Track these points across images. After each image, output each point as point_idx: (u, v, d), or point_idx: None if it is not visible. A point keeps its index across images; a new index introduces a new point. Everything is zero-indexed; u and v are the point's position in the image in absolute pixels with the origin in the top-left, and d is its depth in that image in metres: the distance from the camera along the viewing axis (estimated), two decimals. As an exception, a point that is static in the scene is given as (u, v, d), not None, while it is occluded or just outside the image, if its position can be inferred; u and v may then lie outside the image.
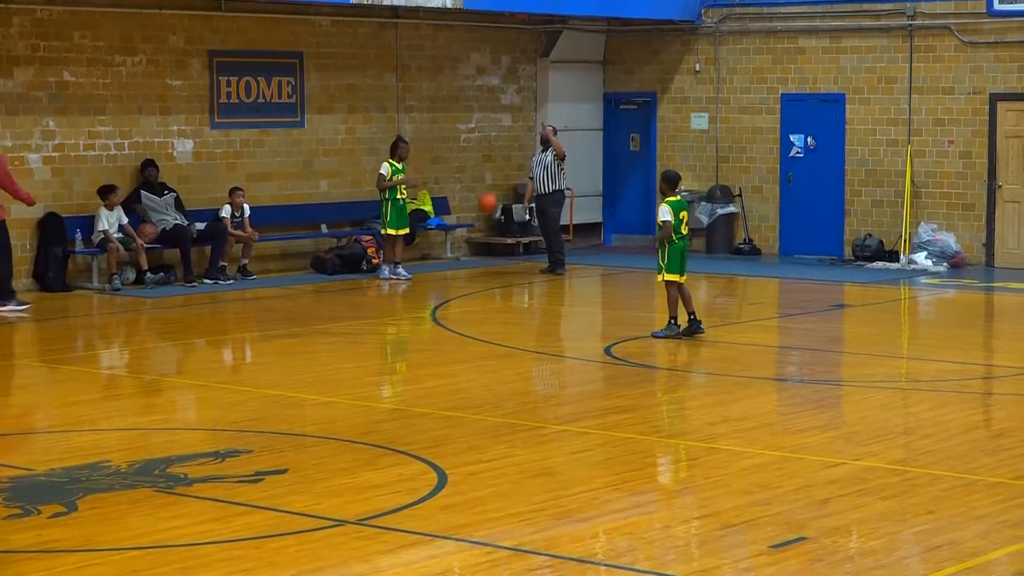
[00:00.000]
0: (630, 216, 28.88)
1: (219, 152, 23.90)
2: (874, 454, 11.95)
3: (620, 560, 9.25)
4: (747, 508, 10.30)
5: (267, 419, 13.47)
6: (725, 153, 27.65)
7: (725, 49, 27.57)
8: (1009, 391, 15.25)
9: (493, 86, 27.66)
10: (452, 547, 9.45)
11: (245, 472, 11.30)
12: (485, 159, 27.55)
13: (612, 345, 17.61)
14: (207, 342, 18.61)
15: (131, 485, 10.93)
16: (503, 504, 10.46)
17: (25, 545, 9.47)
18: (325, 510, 10.24)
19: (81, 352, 18.23)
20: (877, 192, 26.16)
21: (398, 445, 12.16)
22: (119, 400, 14.99)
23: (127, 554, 9.30)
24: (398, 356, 17.74)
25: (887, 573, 8.93)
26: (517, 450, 12.11)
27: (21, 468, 11.66)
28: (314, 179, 24.94)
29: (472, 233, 27.29)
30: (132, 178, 22.87)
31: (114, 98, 22.75)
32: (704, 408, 14.25)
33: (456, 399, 14.27)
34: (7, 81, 21.67)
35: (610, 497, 10.71)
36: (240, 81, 24.20)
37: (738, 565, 9.07)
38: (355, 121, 25.59)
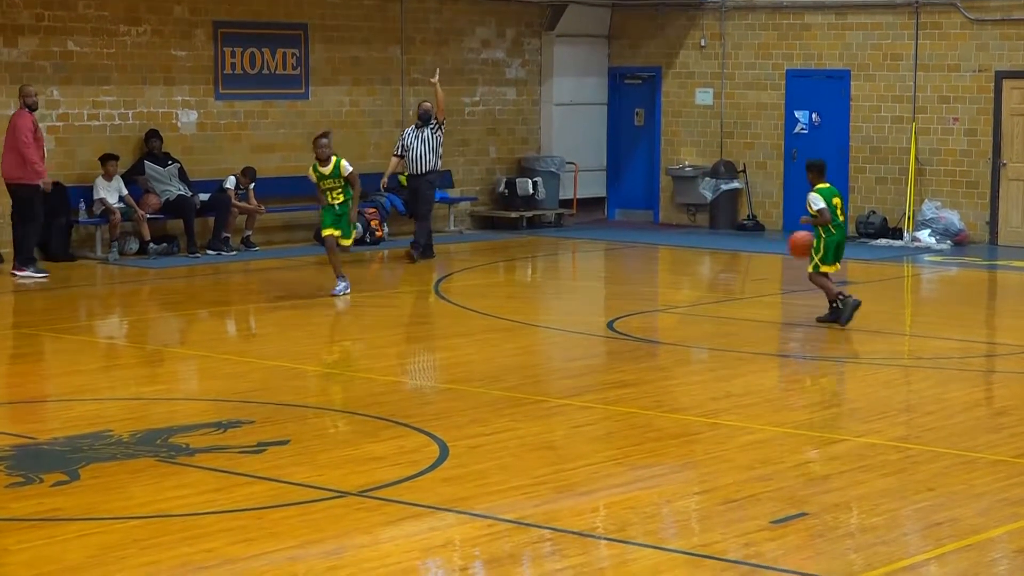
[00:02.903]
0: (634, 191, 28.85)
1: (223, 123, 23.89)
2: (876, 431, 11.96)
3: (621, 534, 9.26)
4: (748, 483, 10.31)
5: (269, 390, 13.49)
6: (729, 129, 27.62)
7: (731, 24, 27.53)
8: (1011, 369, 15.26)
9: (498, 59, 27.62)
10: (453, 519, 9.47)
11: (247, 443, 11.32)
12: (489, 133, 27.52)
13: (615, 319, 17.61)
14: (210, 313, 18.63)
15: (133, 455, 10.95)
16: (504, 477, 10.48)
17: (27, 513, 9.50)
18: (327, 481, 10.26)
19: (84, 322, 18.26)
20: (881, 169, 26.13)
21: (400, 417, 12.18)
22: (122, 370, 15.00)
23: (129, 523, 9.33)
24: (401, 329, 17.73)
25: (887, 550, 8.94)
26: (519, 423, 12.13)
27: (24, 436, 11.69)
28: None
29: (476, 207, 27.28)
30: (136, 148, 22.88)
31: (118, 68, 22.74)
32: (706, 383, 14.26)
33: (458, 372, 14.30)
34: (12, 50, 21.66)
35: (611, 471, 10.73)
36: (245, 52, 24.18)
37: (739, 540, 9.08)
38: (359, 94, 25.56)
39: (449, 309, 18.69)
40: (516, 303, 19.99)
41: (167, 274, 21.13)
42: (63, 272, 21.06)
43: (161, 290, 20.17)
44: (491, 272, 22.62)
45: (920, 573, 8.57)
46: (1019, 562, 8.83)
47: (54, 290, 19.85)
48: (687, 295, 21.05)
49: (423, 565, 8.74)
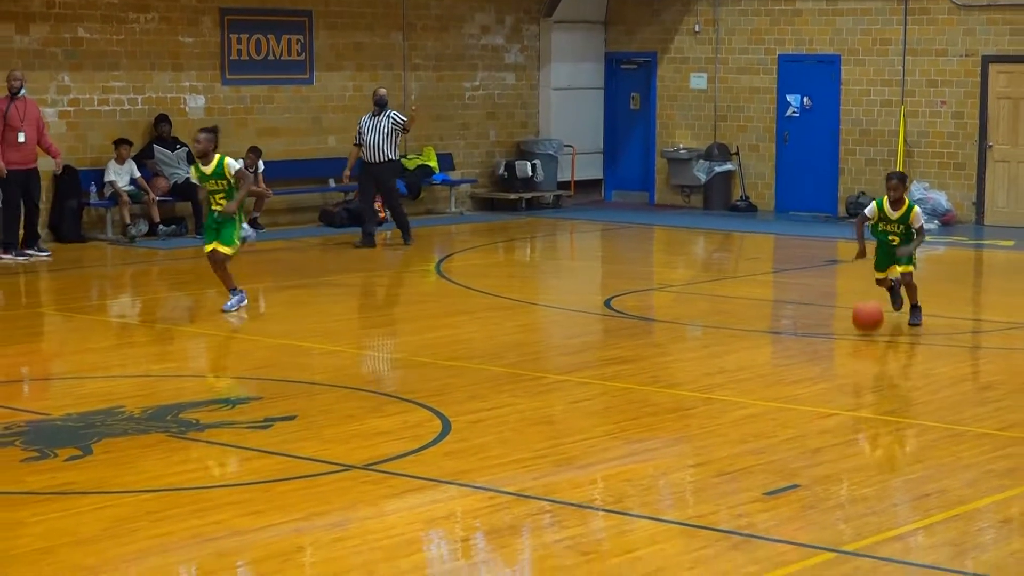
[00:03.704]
0: (630, 173, 28.84)
1: (230, 108, 23.88)
2: (865, 405, 12.01)
3: (617, 506, 9.29)
4: (741, 456, 10.34)
5: (276, 367, 13.50)
6: (723, 112, 27.60)
7: (724, 10, 27.49)
8: (997, 345, 15.28)
9: (497, 45, 27.60)
10: (455, 492, 9.50)
11: (255, 418, 11.35)
12: (489, 117, 27.51)
13: (612, 298, 17.62)
14: (218, 292, 18.59)
15: (144, 430, 10.97)
16: (505, 451, 10.51)
17: (42, 486, 9.53)
18: (333, 455, 10.29)
19: (95, 301, 18.26)
20: (871, 151, 26.13)
21: (404, 393, 12.21)
22: (133, 348, 15.02)
23: (140, 496, 9.36)
24: (404, 307, 17.74)
25: (877, 520, 8.97)
26: (519, 399, 12.15)
27: (38, 413, 11.72)
28: (322, 135, 24.92)
29: (476, 189, 27.27)
30: (145, 133, 22.88)
31: (128, 54, 22.73)
32: (700, 360, 14.28)
33: (460, 349, 14.30)
34: (23, 37, 21.64)
35: (608, 445, 10.76)
36: (251, 39, 24.16)
37: (732, 511, 9.11)
38: (363, 79, 25.53)
39: (451, 288, 18.70)
40: (516, 282, 20.01)
41: (176, 255, 21.14)
42: (74, 253, 21.07)
43: (170, 270, 20.18)
44: (491, 252, 22.63)
45: (908, 543, 8.60)
46: (1004, 532, 8.87)
47: (66, 270, 19.86)
48: (682, 274, 21.06)
49: (426, 536, 8.77)
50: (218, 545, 8.45)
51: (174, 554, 8.31)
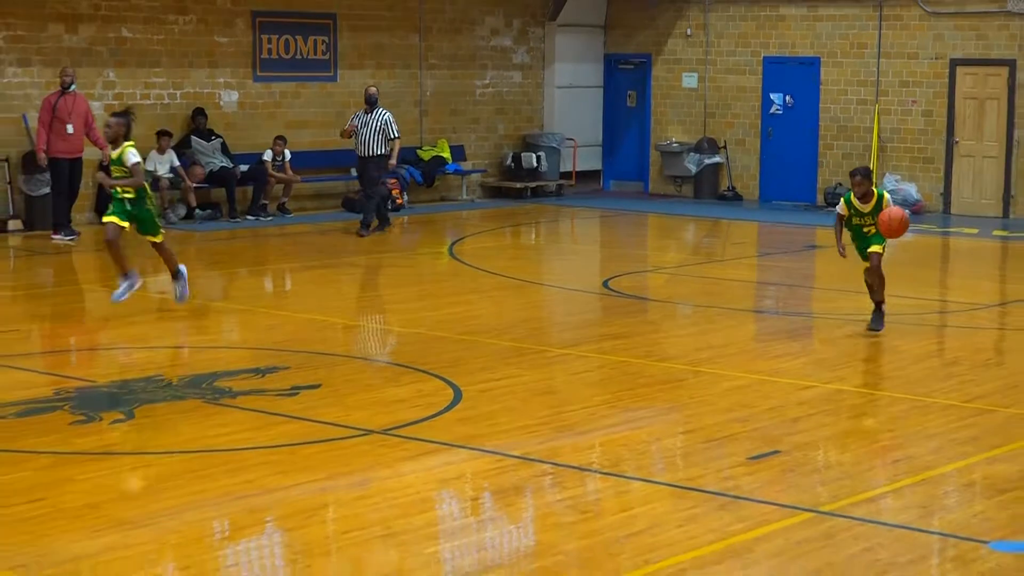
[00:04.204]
0: (626, 164, 28.83)
1: (261, 103, 23.87)
2: (841, 378, 12.00)
3: (614, 468, 9.30)
4: (728, 424, 10.35)
5: (302, 340, 13.51)
6: (712, 109, 27.56)
7: (714, 16, 27.44)
8: (961, 324, 15.28)
9: (506, 47, 27.57)
10: (466, 455, 9.51)
11: (283, 386, 11.35)
12: (498, 112, 27.49)
13: (609, 279, 17.62)
14: (249, 271, 18.65)
15: (182, 396, 10.99)
16: (511, 418, 10.52)
17: (88, 448, 9.54)
18: (354, 421, 10.31)
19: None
20: (847, 146, 26.10)
21: (419, 364, 12.21)
22: (171, 321, 15.01)
23: (178, 457, 9.38)
24: (419, 286, 17.74)
25: (851, 483, 8.98)
26: (524, 371, 12.16)
27: (85, 380, 11.74)
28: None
29: (485, 178, 27.25)
30: (183, 125, 22.87)
31: (167, 53, 22.71)
32: (690, 336, 14.28)
33: (470, 325, 14.31)
34: (72, 36, 21.63)
35: (606, 413, 10.76)
36: (280, 39, 24.13)
37: (719, 474, 9.12)
38: (382, 76, 25.50)
39: (462, 269, 18.70)
40: (521, 264, 20.01)
41: (211, 237, 21.14)
42: (118, 235, 21.05)
43: (206, 251, 20.18)
44: (499, 236, 22.63)
45: (880, 504, 8.61)
46: (968, 495, 8.88)
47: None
48: (674, 257, 21.05)
49: (439, 495, 8.79)
50: (249, 502, 8.47)
51: (209, 510, 8.33)
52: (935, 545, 7.92)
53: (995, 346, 14.26)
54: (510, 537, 8.11)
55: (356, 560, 7.57)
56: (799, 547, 7.74)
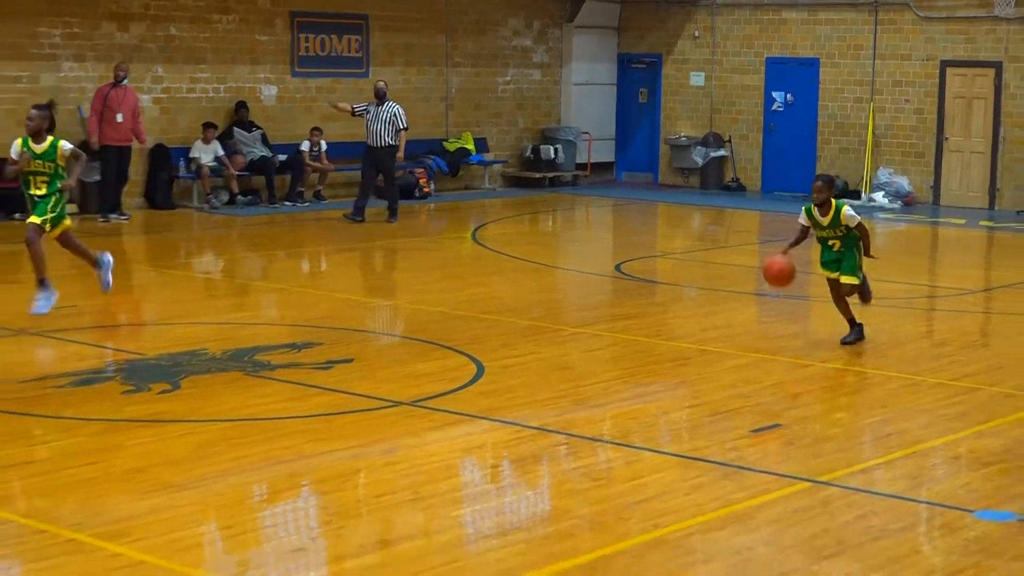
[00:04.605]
0: (637, 157, 28.78)
1: (298, 96, 23.86)
2: (837, 358, 11.97)
3: (625, 440, 9.29)
4: (731, 399, 10.33)
5: (336, 317, 13.52)
6: (718, 106, 27.50)
7: (720, 19, 27.37)
8: (949, 308, 15.23)
9: (526, 46, 27.51)
10: (487, 426, 9.51)
11: (318, 360, 11.36)
12: (518, 107, 27.45)
13: (621, 263, 17.61)
14: (287, 253, 18.67)
15: (224, 368, 11.01)
16: (530, 392, 10.51)
17: (138, 415, 9.57)
18: (384, 393, 10.31)
19: (183, 259, 18.30)
20: (844, 141, 26.02)
21: (444, 341, 12.21)
22: (214, 299, 15.06)
23: (221, 424, 9.40)
24: (444, 268, 17.74)
25: (846, 455, 8.97)
26: (542, 348, 12.15)
27: (135, 353, 11.76)
28: (377, 121, 24.89)
29: (506, 168, 27.22)
30: (227, 117, 22.87)
31: (212, 50, 22.71)
32: (697, 317, 14.26)
33: (492, 305, 14.31)
34: (124, 34, 21.65)
35: (618, 388, 10.75)
36: (316, 38, 24.12)
37: (723, 446, 9.11)
38: (411, 73, 25.49)
39: (484, 253, 18.69)
40: (539, 248, 19.99)
41: (251, 221, 21.16)
42: (165, 218, 21.11)
43: (246, 235, 20.21)
44: (519, 222, 22.61)
45: (873, 475, 8.60)
46: (955, 467, 8.86)
47: (159, 233, 19.91)
48: (681, 243, 21.03)
49: (462, 462, 8.79)
50: (287, 467, 8.48)
51: (250, 474, 8.35)
52: (924, 514, 7.90)
53: (981, 329, 14.23)
54: (528, 502, 8.11)
55: (385, 522, 7.57)
56: (797, 514, 7.73)
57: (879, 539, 7.35)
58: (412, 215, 22.47)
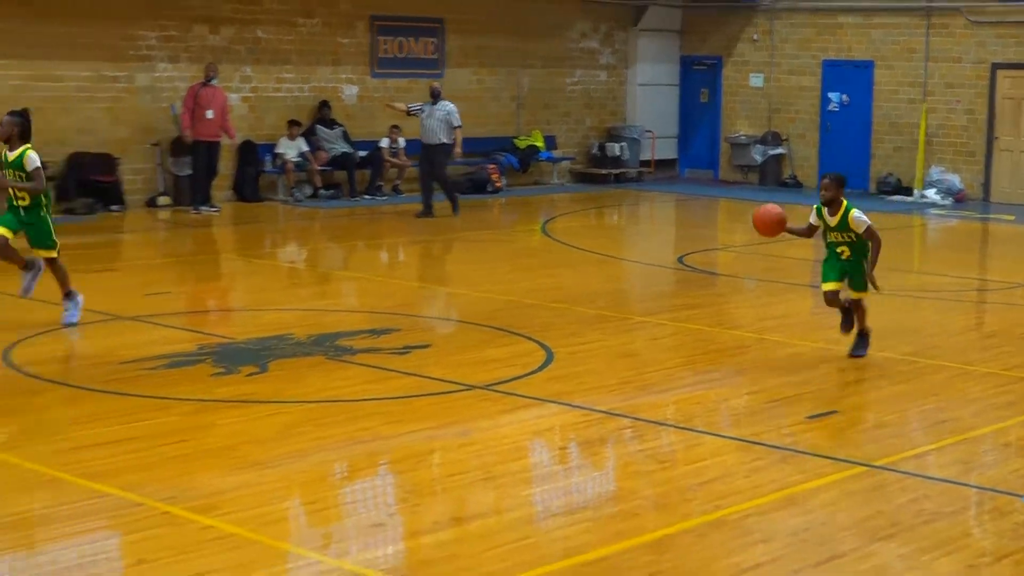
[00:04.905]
0: (699, 154, 28.64)
1: (377, 96, 23.91)
2: (890, 347, 11.85)
3: (687, 424, 9.25)
4: (789, 386, 10.26)
5: (413, 305, 13.57)
6: (776, 106, 27.31)
7: (778, 23, 27.17)
8: (998, 301, 15.06)
9: (593, 49, 27.44)
10: (556, 409, 9.50)
11: (396, 346, 11.38)
12: (585, 106, 27.39)
13: (684, 255, 17.53)
14: (366, 244, 18.73)
15: (308, 353, 11.05)
16: (597, 377, 10.49)
17: (228, 396, 9.63)
18: (458, 377, 10.31)
19: (269, 249, 18.40)
20: (897, 140, 25.78)
21: (515, 328, 12.20)
22: (299, 287, 15.13)
23: (306, 405, 9.44)
24: (516, 259, 17.74)
25: (899, 442, 8.88)
26: (608, 336, 12.12)
27: (225, 337, 11.83)
28: (451, 119, 24.92)
29: (574, 165, 27.17)
30: (310, 115, 22.97)
31: (297, 51, 22.81)
32: (755, 307, 14.18)
33: (561, 294, 14.28)
34: (215, 36, 21.78)
35: (681, 375, 10.71)
36: (395, 40, 24.17)
37: (781, 431, 9.05)
38: (484, 74, 25.49)
39: (553, 245, 18.67)
40: (605, 241, 19.94)
41: (333, 214, 21.25)
42: (252, 211, 21.23)
43: (328, 226, 20.30)
44: (586, 216, 22.57)
45: (925, 461, 8.50)
46: (1005, 454, 8.75)
47: (246, 224, 20.03)
48: (740, 237, 20.89)
49: (532, 444, 8.78)
50: (366, 447, 8.51)
51: (332, 453, 8.38)
52: (974, 498, 7.81)
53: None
54: (594, 483, 8.09)
55: (459, 500, 7.58)
56: (852, 497, 7.66)
57: (931, 522, 7.27)
58: (484, 209, 22.50)
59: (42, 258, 11.90)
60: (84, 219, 19.49)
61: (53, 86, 20.17)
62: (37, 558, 6.58)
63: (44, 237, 11.83)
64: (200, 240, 18.60)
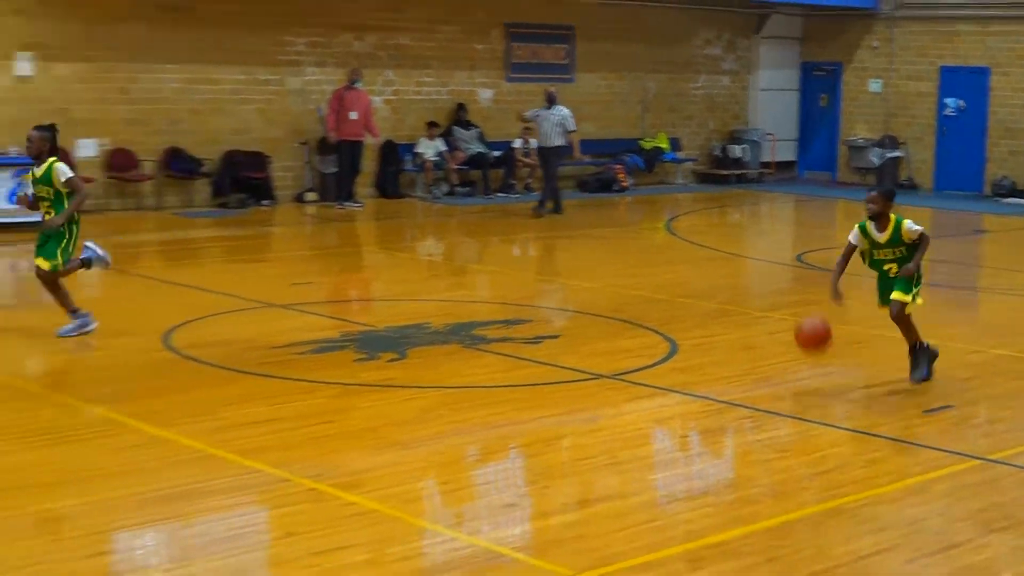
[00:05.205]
0: (818, 156, 28.29)
1: (511, 99, 23.94)
2: (1005, 345, 11.59)
3: (804, 415, 9.12)
4: (905, 381, 10.06)
5: (544, 297, 13.57)
6: (894, 111, 26.87)
7: (897, 31, 26.72)
8: (1113, 301, 14.66)
9: (716, 55, 27.21)
10: (679, 399, 9.43)
11: (528, 336, 11.39)
12: (709, 110, 27.18)
13: (803, 253, 17.31)
14: (499, 239, 18.77)
15: (445, 341, 11.10)
16: (718, 369, 10.40)
17: (369, 380, 9.70)
18: (586, 366, 10.28)
19: (408, 243, 18.53)
20: (1013, 144, 25.21)
21: (641, 321, 12.15)
22: (436, 279, 15.21)
23: (443, 390, 9.48)
24: (641, 255, 17.66)
25: (1012, 437, 8.68)
26: (730, 329, 12.01)
27: (366, 325, 11.93)
28: (581, 122, 24.69)
29: (697, 166, 26.99)
30: (448, 117, 23.08)
31: (436, 57, 22.93)
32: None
33: (684, 289, 14.19)
34: (360, 43, 21.98)
35: (798, 367, 10.56)
36: (527, 46, 24.19)
37: (898, 424, 8.89)
38: (612, 79, 25.42)
39: (676, 242, 18.56)
40: (727, 239, 19.77)
41: (468, 210, 21.33)
42: (393, 207, 21.39)
43: (463, 222, 20.38)
44: (708, 215, 22.39)
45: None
46: (1118, 450, 8.51)
47: (387, 219, 20.19)
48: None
49: (656, 431, 8.74)
50: (499, 431, 8.53)
51: (466, 436, 8.41)
52: (1089, 493, 7.60)
53: None
54: (715, 469, 8.03)
55: (586, 483, 7.56)
56: (968, 489, 7.50)
57: (1045, 515, 7.10)
58: (611, 207, 22.44)
59: (38, 267, 10.83)
60: (237, 213, 19.81)
61: (210, 89, 20.52)
62: (191, 529, 6.69)
63: (52, 249, 10.77)
64: (344, 234, 18.79)
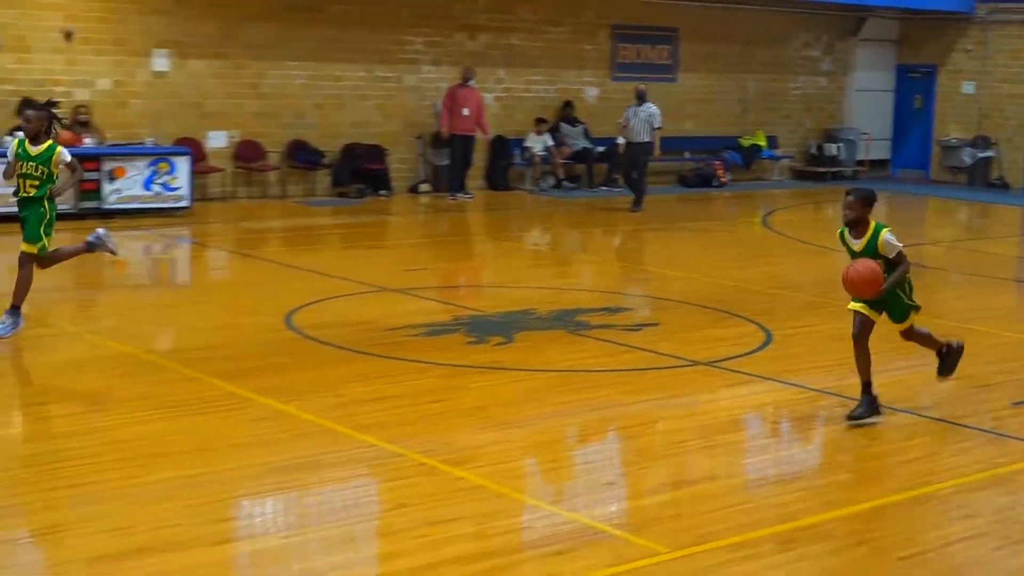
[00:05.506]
0: (912, 155, 27.84)
1: (616, 97, 23.83)
2: (1093, 341, 11.33)
3: (896, 404, 8.98)
4: (994, 373, 9.90)
5: (643, 286, 13.52)
6: (986, 112, 26.33)
7: (991, 35, 26.17)
8: None
9: (814, 57, 26.88)
10: (773, 386, 9.35)
11: (628, 323, 11.36)
12: (806, 109, 26.87)
13: (894, 249, 17.03)
14: (602, 231, 18.71)
15: (550, 327, 11.11)
16: (811, 358, 10.29)
17: (478, 363, 9.74)
18: (684, 353, 10.24)
19: (516, 233, 18.55)
20: (1104, 145, 24.63)
21: (738, 311, 12.06)
22: (541, 268, 15.22)
23: (547, 373, 9.49)
24: (738, 248, 17.50)
25: (1100, 429, 8.49)
26: (823, 320, 11.86)
27: (476, 310, 11.97)
28: (682, 120, 24.70)
29: (794, 163, 26.68)
30: (555, 113, 23.07)
31: (545, 57, 22.93)
32: (960, 299, 13.70)
33: (780, 281, 14.05)
34: (473, 42, 22.05)
35: (888, 358, 10.37)
36: (633, 47, 24.09)
37: (986, 415, 8.73)
38: (712, 79, 25.22)
39: (772, 236, 18.38)
40: (821, 233, 19.46)
41: (573, 203, 21.31)
42: (502, 199, 21.44)
43: (569, 214, 20.35)
44: (804, 211, 22.13)
45: (1126, 449, 8.11)
46: None
47: (496, 210, 20.24)
48: (949, 233, 20.23)
49: (750, 417, 8.67)
50: (601, 413, 8.52)
51: (570, 417, 8.42)
52: None
53: None
54: (806, 455, 7.94)
55: (682, 464, 7.53)
56: (1054, 480, 7.35)
57: None
58: (709, 201, 22.27)
59: (22, 251, 9.96)
60: (356, 202, 19.99)
61: (333, 85, 20.72)
62: (309, 498, 6.78)
63: (35, 230, 9.87)
64: (455, 223, 18.88)
